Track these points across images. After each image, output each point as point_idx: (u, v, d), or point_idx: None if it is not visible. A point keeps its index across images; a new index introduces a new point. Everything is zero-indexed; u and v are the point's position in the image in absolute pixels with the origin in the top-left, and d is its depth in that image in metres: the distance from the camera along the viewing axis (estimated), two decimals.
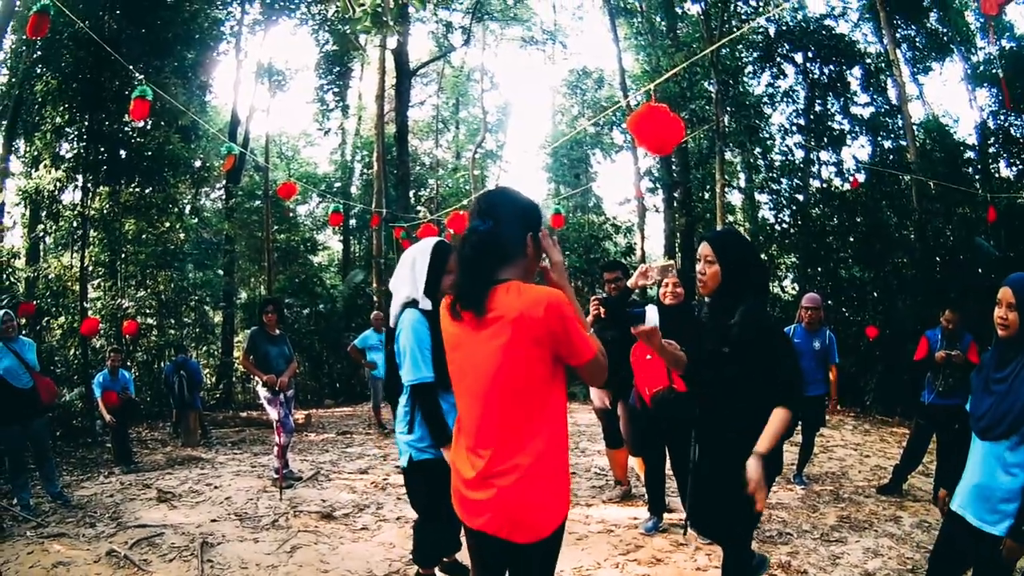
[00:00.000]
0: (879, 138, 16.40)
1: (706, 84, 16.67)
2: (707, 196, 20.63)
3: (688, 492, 3.32)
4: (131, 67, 7.37)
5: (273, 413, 6.85)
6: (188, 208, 17.05)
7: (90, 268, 12.96)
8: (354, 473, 7.48)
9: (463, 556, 3.44)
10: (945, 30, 18.93)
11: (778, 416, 2.75)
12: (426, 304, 3.18)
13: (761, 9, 15.40)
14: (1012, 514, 2.58)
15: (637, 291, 4.73)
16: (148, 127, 12.81)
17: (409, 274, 3.23)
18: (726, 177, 16.02)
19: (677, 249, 19.17)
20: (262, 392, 7.05)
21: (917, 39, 19.04)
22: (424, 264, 3.19)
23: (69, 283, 12.65)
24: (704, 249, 3.01)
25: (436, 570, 3.75)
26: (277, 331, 7.15)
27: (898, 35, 17.80)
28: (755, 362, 2.82)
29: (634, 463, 5.67)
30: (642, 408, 4.60)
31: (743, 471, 2.64)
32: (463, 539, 2.62)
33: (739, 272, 2.94)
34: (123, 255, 13.70)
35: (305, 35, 19.06)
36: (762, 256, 16.60)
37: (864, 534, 5.13)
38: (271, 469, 7.02)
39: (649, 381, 4.40)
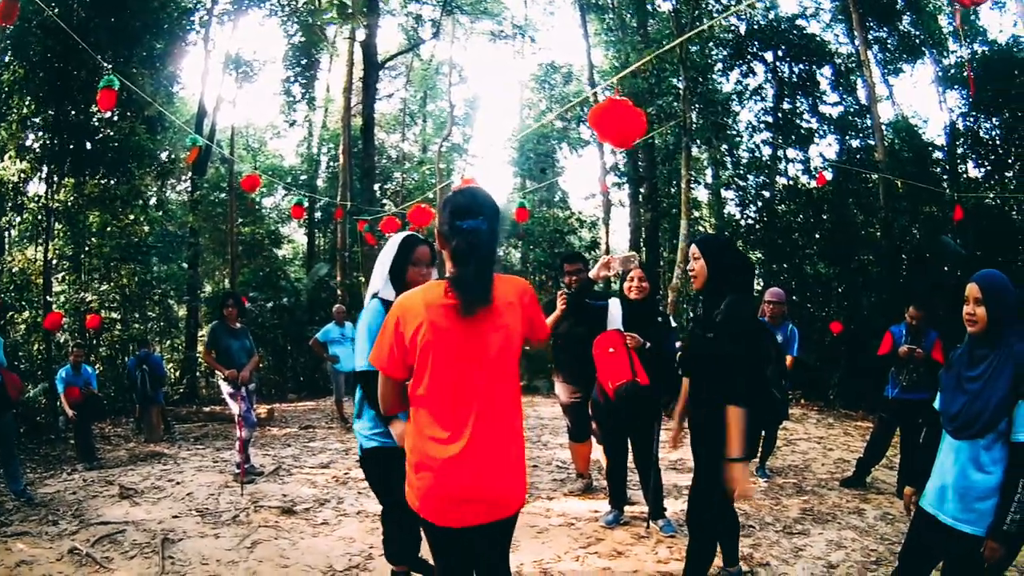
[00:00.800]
0: (847, 137, 16.53)
1: (674, 81, 16.67)
2: (673, 191, 20.70)
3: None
4: (98, 57, 7.21)
5: (235, 407, 6.79)
6: (153, 200, 16.76)
7: (54, 261, 12.71)
8: (315, 467, 7.43)
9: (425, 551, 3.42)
10: (917, 32, 19.19)
11: (732, 415, 3.07)
12: (388, 294, 3.14)
13: (732, 7, 15.48)
14: (988, 512, 2.59)
15: (600, 283, 4.73)
16: (114, 118, 12.59)
17: (379, 268, 3.22)
18: (692, 173, 16.05)
19: (642, 244, 19.19)
20: (224, 386, 6.97)
21: (889, 41, 19.29)
22: (390, 256, 3.17)
23: (33, 277, 12.37)
24: (693, 250, 3.40)
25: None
26: (238, 324, 7.09)
27: (870, 36, 18.02)
28: (727, 352, 3.15)
29: (600, 456, 5.67)
30: (605, 401, 4.61)
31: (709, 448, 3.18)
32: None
33: (723, 270, 3.31)
34: (87, 248, 13.44)
35: (273, 27, 18.90)
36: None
37: (827, 526, 5.17)
38: (233, 464, 6.95)
39: (612, 374, 4.39)
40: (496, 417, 2.25)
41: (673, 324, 5.06)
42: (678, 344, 4.87)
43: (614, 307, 4.71)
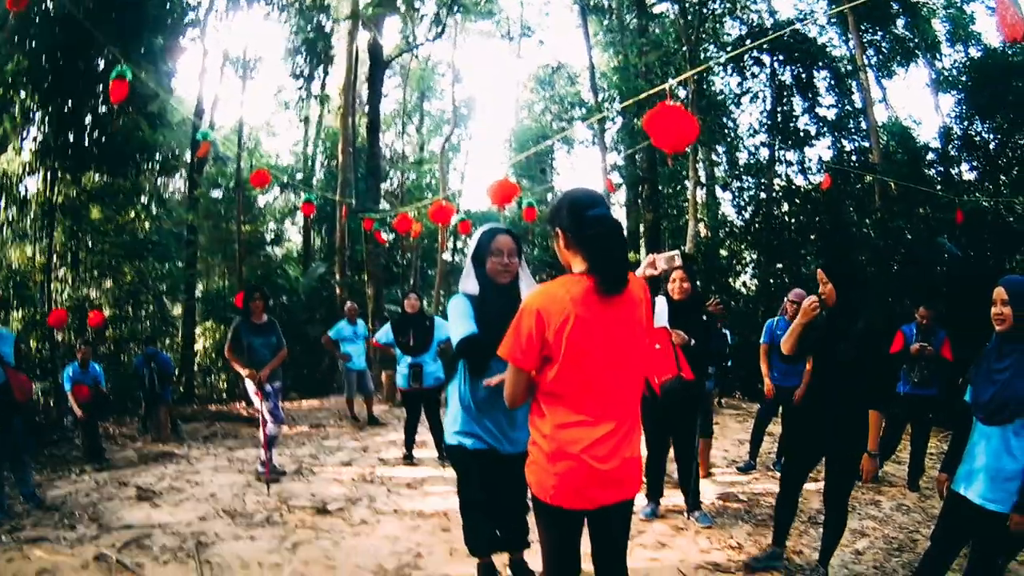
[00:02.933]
0: (842, 139, 16.66)
1: (673, 82, 16.74)
2: (669, 192, 20.78)
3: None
4: (110, 48, 7.12)
5: (259, 404, 6.68)
6: (152, 198, 16.62)
7: (54, 258, 12.58)
8: (337, 466, 7.37)
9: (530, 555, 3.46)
10: (912, 36, 19.42)
11: (873, 416, 3.77)
12: (470, 287, 3.20)
13: (737, 11, 15.66)
14: (1016, 492, 2.88)
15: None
16: (116, 113, 12.47)
17: (466, 265, 3.26)
18: (699, 175, 16.14)
19: (642, 246, 19.25)
20: (248, 384, 6.82)
21: (883, 44, 19.50)
22: (472, 247, 3.22)
23: (31, 273, 12.24)
24: (820, 275, 3.86)
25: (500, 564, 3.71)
26: (264, 319, 6.93)
27: (865, 40, 18.21)
28: (865, 361, 3.72)
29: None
30: (651, 396, 4.67)
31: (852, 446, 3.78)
32: (532, 538, 2.70)
33: (850, 290, 3.82)
34: (88, 244, 13.32)
35: (271, 24, 18.72)
36: (723, 252, 16.98)
37: (848, 517, 5.26)
38: (259, 462, 6.82)
39: (658, 370, 4.48)
40: (631, 400, 2.41)
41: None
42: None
43: (660, 305, 4.81)
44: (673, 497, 5.40)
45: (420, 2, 17.08)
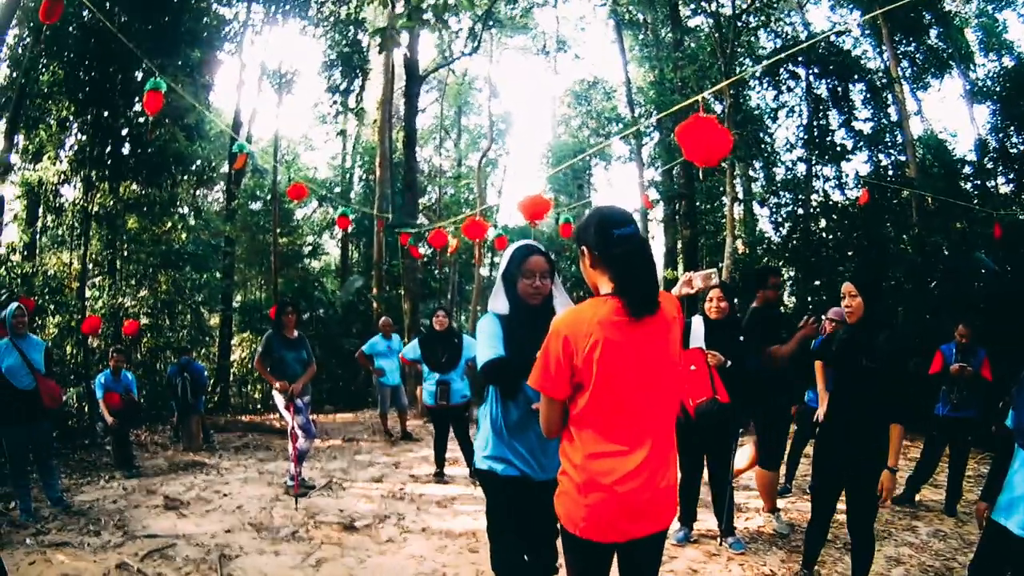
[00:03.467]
0: (878, 153, 16.41)
1: (709, 97, 16.62)
2: (707, 208, 20.60)
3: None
4: (146, 60, 7.22)
5: (289, 418, 6.65)
6: (189, 208, 16.86)
7: (90, 266, 12.77)
8: (368, 482, 7.36)
9: None
10: (945, 47, 19.11)
11: (895, 431, 3.65)
12: (500, 307, 3.09)
13: (772, 24, 15.51)
14: None
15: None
16: (151, 124, 12.65)
17: (497, 283, 3.16)
18: (736, 191, 16.00)
19: (679, 262, 19.09)
20: (277, 397, 6.81)
21: (917, 55, 19.21)
22: (503, 265, 3.11)
23: (67, 280, 12.44)
24: (849, 287, 3.85)
25: None
26: (296, 334, 6.93)
27: (899, 51, 17.95)
28: (890, 378, 3.67)
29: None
30: (684, 418, 4.60)
31: (874, 461, 3.66)
32: (560, 563, 2.64)
33: (877, 304, 3.84)
34: (124, 253, 13.52)
35: (308, 39, 18.92)
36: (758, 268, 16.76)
37: (883, 543, 5.18)
38: (288, 476, 6.83)
39: (692, 392, 4.42)
40: (666, 426, 2.33)
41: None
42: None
43: (696, 324, 4.76)
44: (707, 521, 5.30)
45: (453, 16, 17.09)
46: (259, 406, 17.15)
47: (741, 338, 4.90)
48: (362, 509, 6.09)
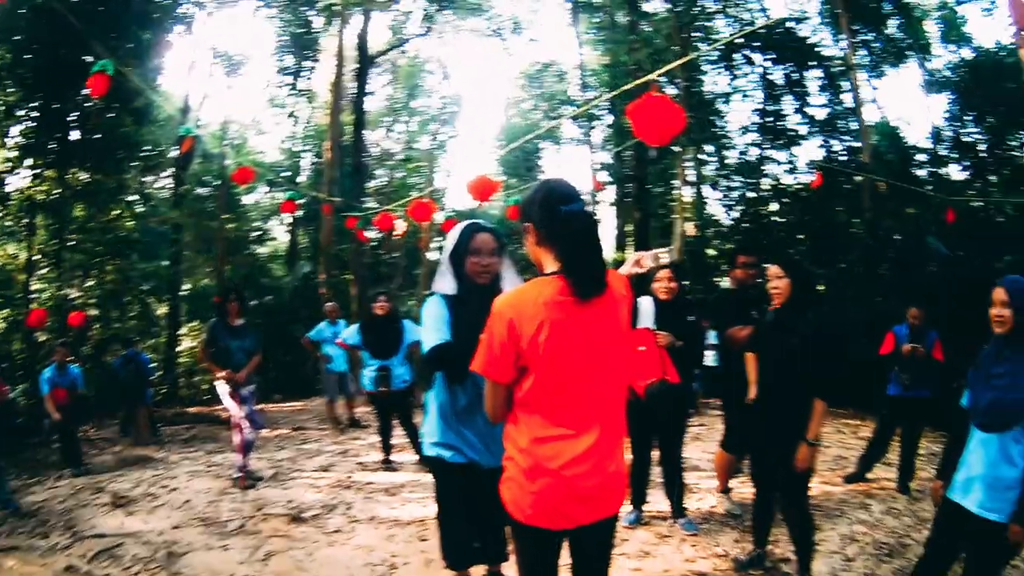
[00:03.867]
0: (832, 139, 16.58)
1: (662, 80, 16.61)
2: (658, 191, 20.67)
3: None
4: (96, 42, 6.96)
5: (234, 409, 6.48)
6: (137, 195, 16.43)
7: (37, 257, 12.38)
8: (315, 471, 7.21)
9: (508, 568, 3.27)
10: (904, 37, 19.43)
11: (819, 406, 3.67)
12: (446, 287, 2.98)
13: (728, 10, 15.55)
14: (1015, 501, 2.80)
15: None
16: (100, 108, 12.26)
17: (441, 264, 3.04)
18: (685, 173, 16.06)
19: (629, 245, 19.13)
20: (221, 387, 6.63)
21: (876, 44, 19.48)
22: (450, 245, 2.99)
23: (14, 273, 12.04)
24: (776, 269, 3.88)
25: None
26: (240, 322, 6.75)
27: (857, 40, 18.16)
28: (816, 355, 3.67)
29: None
30: (634, 400, 4.55)
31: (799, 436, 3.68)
32: (511, 550, 2.54)
33: (804, 286, 3.87)
34: (71, 243, 13.12)
35: (258, 22, 18.57)
36: (711, 252, 16.91)
37: (837, 522, 5.26)
38: (236, 468, 6.61)
39: (642, 373, 4.37)
40: (615, 409, 2.25)
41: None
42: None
43: (646, 305, 4.68)
44: (657, 503, 5.27)
45: None
46: (207, 397, 16.83)
47: (691, 318, 4.86)
48: (310, 499, 5.97)
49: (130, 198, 15.05)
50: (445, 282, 2.98)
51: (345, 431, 9.96)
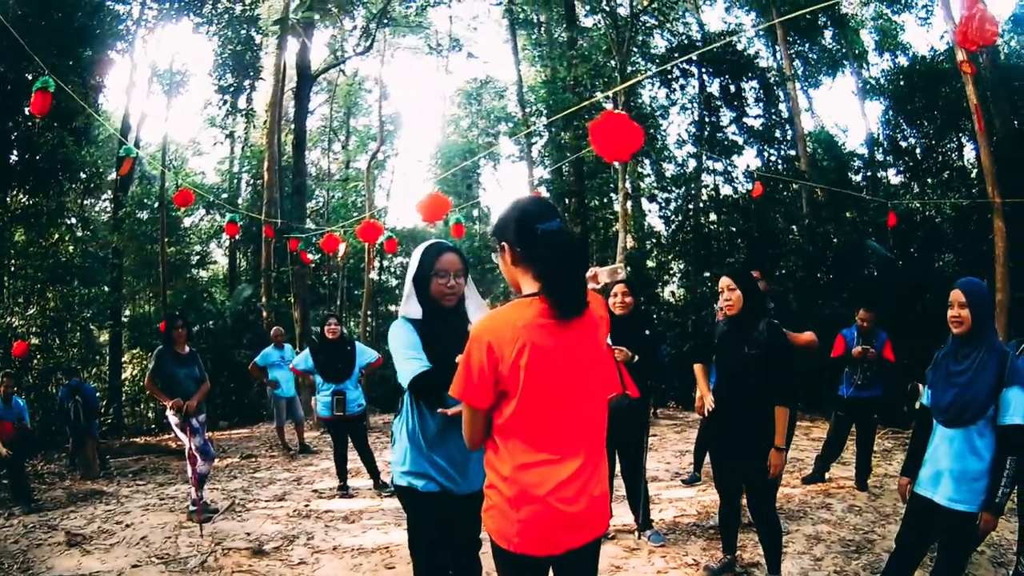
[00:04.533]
0: (769, 148, 16.89)
1: (600, 95, 16.69)
2: (596, 205, 20.82)
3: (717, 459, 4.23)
4: (37, 58, 6.69)
5: (186, 440, 6.27)
6: (76, 219, 15.91)
7: None
8: (271, 501, 7.04)
9: None
10: (840, 47, 20.04)
11: (780, 413, 3.76)
12: (412, 311, 2.91)
13: (668, 25, 15.77)
14: (982, 491, 2.99)
15: None
16: (40, 127, 11.80)
17: (406, 286, 2.96)
18: (627, 186, 16.16)
19: None
20: (171, 417, 6.40)
21: (811, 55, 20.06)
22: (413, 267, 2.91)
23: None
24: (727, 282, 3.98)
25: None
26: (187, 349, 6.59)
27: (792, 51, 18.67)
28: (771, 364, 3.79)
29: None
30: None
31: (763, 442, 3.78)
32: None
33: (754, 297, 3.97)
34: (11, 268, 12.61)
35: (199, 42, 18.23)
36: (650, 263, 17.15)
37: (801, 523, 5.37)
38: (190, 501, 6.39)
39: None
40: (597, 431, 2.21)
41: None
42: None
43: None
44: (622, 516, 5.28)
45: (352, 6, 16.73)
46: (153, 426, 16.38)
47: (647, 332, 4.89)
48: (269, 531, 5.82)
49: (70, 221, 14.56)
50: (411, 306, 2.91)
51: (295, 457, 9.79)
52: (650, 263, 17.62)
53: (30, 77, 11.23)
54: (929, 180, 15.97)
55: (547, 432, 2.11)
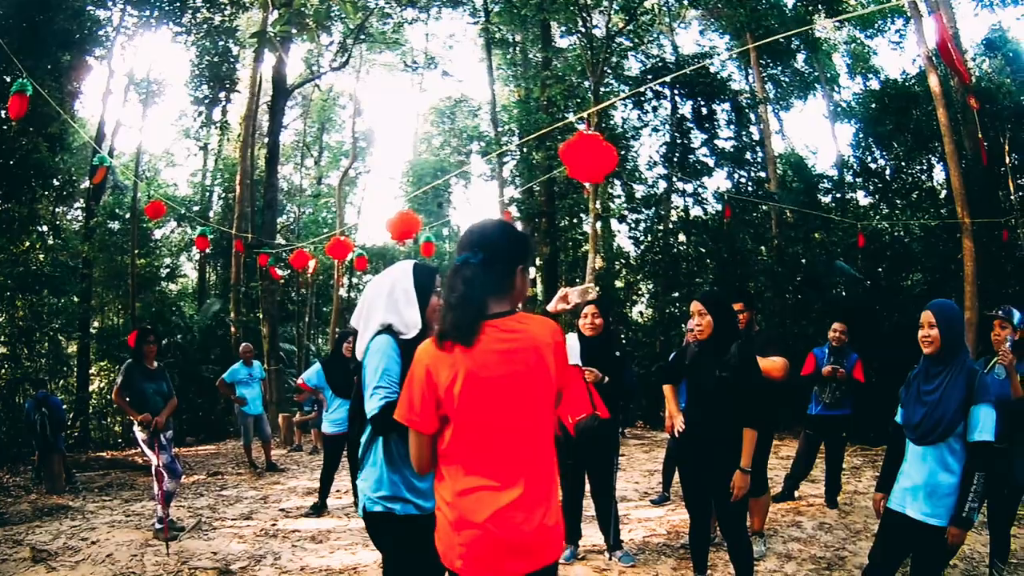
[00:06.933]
0: (739, 170, 16.99)
1: (571, 116, 16.68)
2: (566, 225, 20.88)
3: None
4: (16, 61, 6.58)
5: (153, 458, 6.16)
6: (48, 227, 15.64)
7: None
8: (238, 519, 6.95)
9: None
10: (812, 70, 20.34)
11: (748, 435, 3.82)
12: (408, 328, 2.79)
13: (643, 47, 15.83)
14: (954, 506, 3.07)
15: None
16: (14, 132, 11.58)
17: (386, 301, 2.81)
18: (598, 208, 16.20)
19: (539, 280, 19.13)
20: (139, 434, 6.31)
21: (783, 78, 20.33)
22: (408, 286, 2.81)
23: None
24: (698, 307, 4.01)
25: None
26: (156, 364, 6.52)
27: (765, 75, 18.92)
28: (742, 387, 3.85)
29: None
30: (564, 435, 4.55)
31: (732, 463, 3.82)
32: None
33: (725, 321, 4.00)
34: None
35: (178, 48, 18.03)
36: (619, 284, 17.23)
37: (772, 541, 5.41)
38: (156, 519, 6.27)
39: (572, 410, 4.36)
40: (542, 458, 2.17)
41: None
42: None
43: (572, 341, 4.69)
44: (592, 536, 5.28)
45: (330, 21, 16.74)
46: (120, 440, 16.06)
47: (617, 353, 4.94)
48: (236, 550, 5.73)
49: (41, 229, 14.32)
50: (409, 314, 2.79)
51: (262, 475, 9.71)
52: (619, 283, 17.76)
53: (8, 79, 11.13)
54: (898, 201, 16.20)
55: (485, 458, 2.10)
